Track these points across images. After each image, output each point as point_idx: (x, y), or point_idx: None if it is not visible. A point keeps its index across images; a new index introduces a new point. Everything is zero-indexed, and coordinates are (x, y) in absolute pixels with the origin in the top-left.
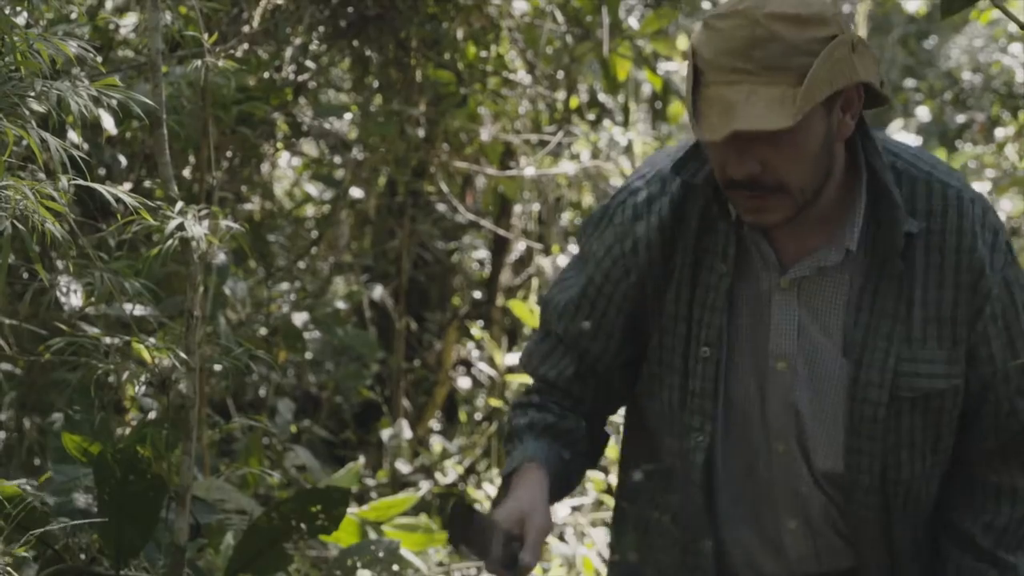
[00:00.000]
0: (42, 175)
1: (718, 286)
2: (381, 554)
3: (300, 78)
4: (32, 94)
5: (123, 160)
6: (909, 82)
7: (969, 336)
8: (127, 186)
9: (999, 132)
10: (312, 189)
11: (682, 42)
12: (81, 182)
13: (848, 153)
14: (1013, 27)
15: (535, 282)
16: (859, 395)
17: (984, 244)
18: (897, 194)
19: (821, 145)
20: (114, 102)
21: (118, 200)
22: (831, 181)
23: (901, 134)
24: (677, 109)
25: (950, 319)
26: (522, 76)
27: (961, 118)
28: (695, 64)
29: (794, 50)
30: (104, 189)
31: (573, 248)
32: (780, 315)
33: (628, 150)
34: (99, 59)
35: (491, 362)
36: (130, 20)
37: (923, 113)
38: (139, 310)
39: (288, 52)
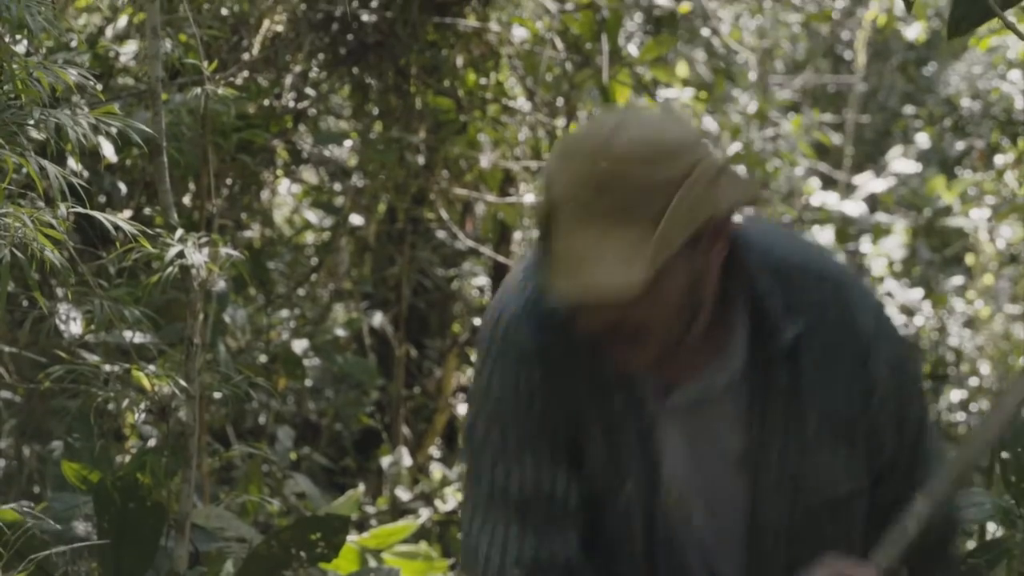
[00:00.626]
0: (41, 203)
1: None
2: None
3: (300, 105)
4: (31, 122)
5: (123, 187)
6: (908, 109)
7: (865, 431)
8: (127, 213)
9: (998, 159)
10: (312, 216)
11: (681, 69)
12: (80, 210)
13: (723, 272)
14: (1012, 54)
15: None
16: (759, 518)
17: (866, 329)
18: (774, 302)
19: (686, 288)
20: (114, 130)
21: (118, 228)
22: (704, 311)
23: (901, 161)
24: None
25: (844, 417)
26: (522, 103)
27: (960, 145)
28: (549, 197)
29: (646, 193)
30: (103, 217)
31: None
32: (668, 441)
33: None
34: (99, 87)
35: None
36: (130, 48)
37: (922, 140)
38: (139, 338)
39: (288, 79)
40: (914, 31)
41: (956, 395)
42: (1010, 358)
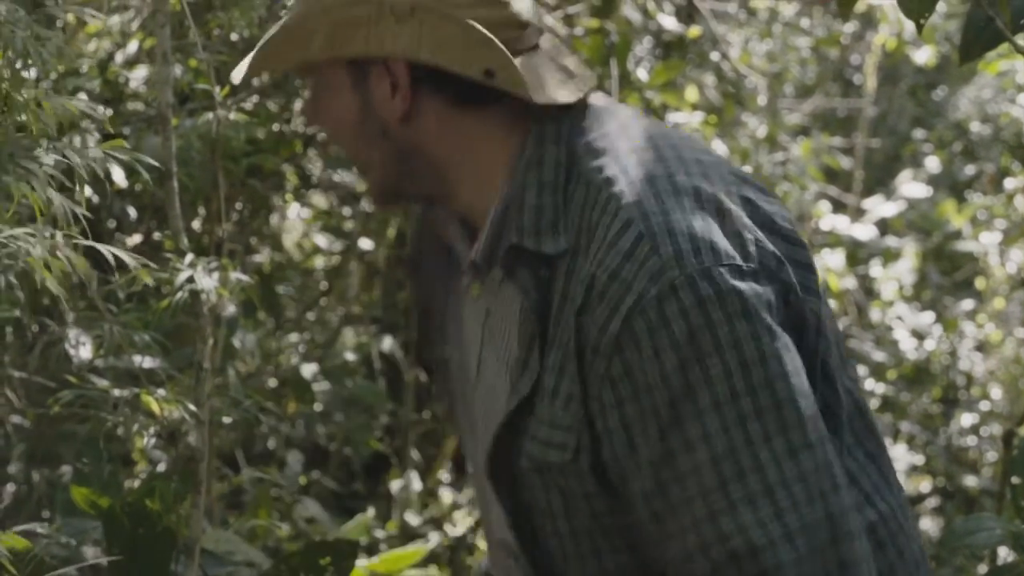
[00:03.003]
0: (50, 231)
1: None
2: None
3: (310, 130)
4: (39, 152)
5: (133, 212)
6: (918, 133)
7: (585, 403)
8: (137, 238)
9: (1008, 183)
10: (321, 241)
11: (691, 93)
12: (83, 242)
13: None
14: (1022, 78)
15: None
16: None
17: (635, 298)
18: (528, 201)
19: (355, 115)
20: (125, 156)
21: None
22: (380, 151)
23: (911, 185)
24: None
25: (562, 370)
26: None
27: (970, 169)
28: None
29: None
30: (106, 249)
31: None
32: (468, 325)
33: None
34: (110, 112)
35: None
36: (140, 73)
37: (932, 164)
38: (148, 362)
39: (297, 104)
40: (923, 55)
41: (967, 419)
42: (1021, 382)
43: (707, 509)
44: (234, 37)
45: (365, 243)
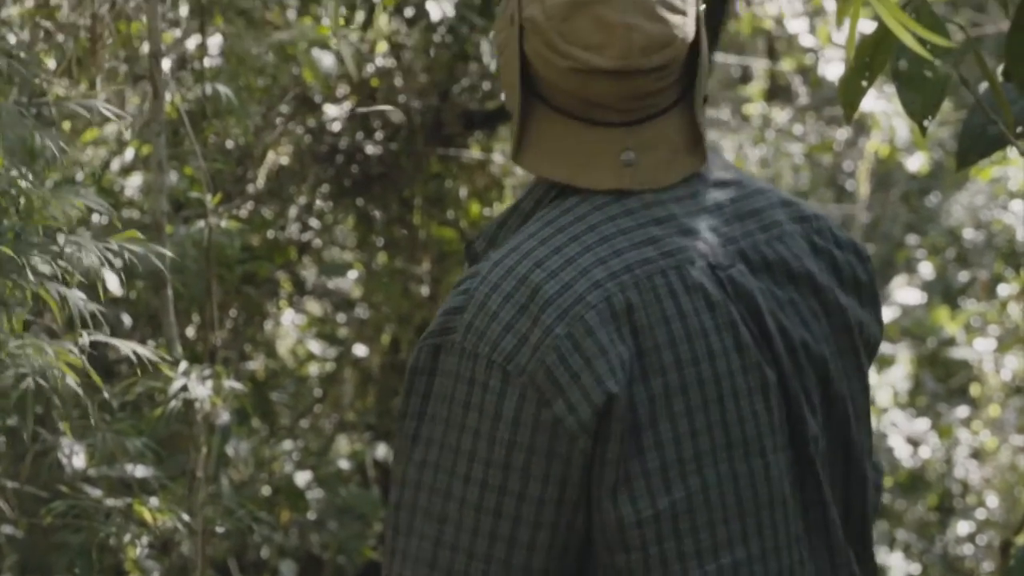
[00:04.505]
0: (46, 335)
1: None
2: None
3: (304, 237)
4: (36, 254)
5: (127, 319)
6: (912, 239)
7: None
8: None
9: (1002, 289)
10: (315, 347)
11: None
12: (99, 338)
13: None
14: (1014, 185)
15: None
16: None
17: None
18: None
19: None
20: (119, 263)
21: (120, 361)
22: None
23: (904, 291)
24: None
25: None
26: None
27: (964, 275)
28: None
29: None
30: (119, 343)
31: None
32: None
33: None
34: (111, 216)
35: None
36: (136, 181)
37: (926, 270)
38: (141, 471)
39: (292, 211)
40: (916, 162)
41: (964, 528)
42: (1017, 490)
43: None
44: (229, 145)
45: (359, 350)
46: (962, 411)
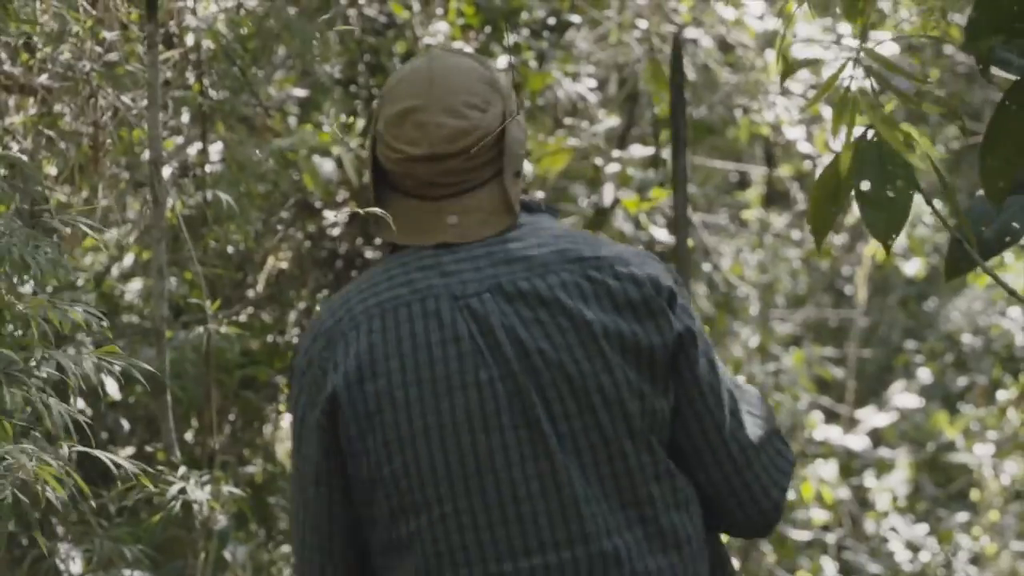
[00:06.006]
0: (43, 442)
1: None
2: None
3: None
4: (34, 362)
5: (126, 424)
6: (910, 344)
7: None
8: (129, 450)
9: (1001, 395)
10: None
11: None
12: (82, 448)
13: None
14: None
15: None
16: None
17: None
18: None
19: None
20: (117, 368)
21: (119, 466)
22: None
23: (903, 396)
24: None
25: None
26: None
27: (962, 381)
28: None
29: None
30: (106, 456)
31: None
32: None
33: None
34: (106, 324)
35: None
36: (136, 286)
37: (924, 375)
38: None
39: (292, 316)
40: (913, 267)
41: None
42: None
43: None
44: (229, 250)
45: None
46: (961, 516)
